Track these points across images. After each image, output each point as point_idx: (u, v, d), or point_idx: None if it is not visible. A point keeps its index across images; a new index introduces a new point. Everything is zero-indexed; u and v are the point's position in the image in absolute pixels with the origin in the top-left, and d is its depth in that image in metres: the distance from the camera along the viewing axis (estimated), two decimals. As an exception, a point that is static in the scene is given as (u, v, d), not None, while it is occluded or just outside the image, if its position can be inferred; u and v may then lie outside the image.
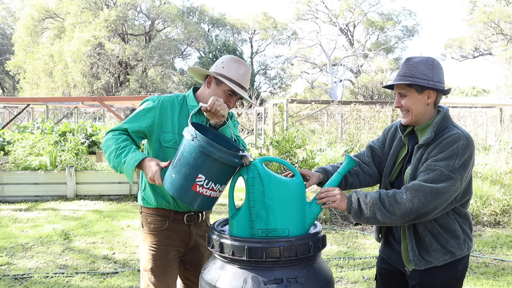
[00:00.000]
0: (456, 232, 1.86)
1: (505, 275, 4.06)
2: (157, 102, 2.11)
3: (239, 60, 2.12)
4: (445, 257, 1.84)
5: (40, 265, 4.34)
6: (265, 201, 1.67)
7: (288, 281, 1.58)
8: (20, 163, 7.79)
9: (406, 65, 1.86)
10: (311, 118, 15.35)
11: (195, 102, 2.13)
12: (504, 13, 31.19)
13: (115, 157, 1.96)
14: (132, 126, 2.07)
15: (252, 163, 1.72)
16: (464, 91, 41.45)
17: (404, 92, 1.86)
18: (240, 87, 2.08)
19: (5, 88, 43.23)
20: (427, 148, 1.82)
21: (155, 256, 2.14)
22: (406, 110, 1.88)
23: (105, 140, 2.03)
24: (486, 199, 6.00)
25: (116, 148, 1.97)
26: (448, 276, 1.87)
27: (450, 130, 1.82)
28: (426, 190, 1.70)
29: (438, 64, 1.86)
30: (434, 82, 1.82)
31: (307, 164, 6.87)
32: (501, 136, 11.29)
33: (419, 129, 1.90)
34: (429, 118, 1.88)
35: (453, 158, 1.74)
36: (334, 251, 4.80)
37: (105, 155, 2.03)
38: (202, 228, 2.25)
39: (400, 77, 1.85)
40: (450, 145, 1.75)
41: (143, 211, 2.21)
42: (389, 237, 2.06)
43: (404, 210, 1.71)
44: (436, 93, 1.85)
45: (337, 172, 1.87)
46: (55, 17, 33.33)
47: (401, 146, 2.00)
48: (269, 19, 41.04)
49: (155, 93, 22.61)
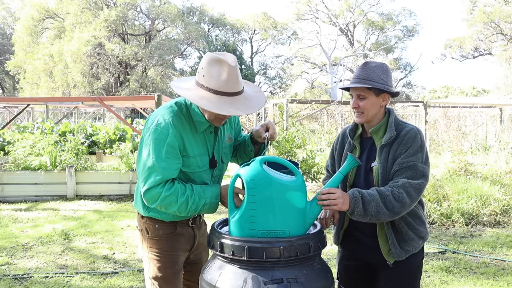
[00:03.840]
0: (422, 218, 2.04)
1: (505, 275, 4.06)
2: (172, 128, 1.86)
3: (219, 61, 1.80)
4: (419, 243, 2.01)
5: (40, 265, 4.34)
6: (265, 204, 1.65)
7: (288, 281, 1.58)
8: (20, 163, 7.79)
9: (365, 69, 1.97)
10: (311, 118, 15.34)
11: (202, 119, 1.93)
12: (504, 13, 31.18)
13: (191, 207, 1.86)
14: (172, 173, 1.88)
15: (252, 164, 1.70)
16: (464, 91, 41.47)
17: (363, 94, 1.97)
18: (227, 95, 1.82)
19: (5, 88, 43.22)
20: (391, 147, 1.96)
21: (166, 263, 2.05)
22: (362, 111, 1.99)
23: (161, 200, 1.84)
24: (486, 199, 5.99)
25: (185, 201, 1.85)
26: (419, 258, 2.06)
27: (404, 127, 1.99)
28: (415, 187, 1.87)
29: (390, 69, 2.05)
30: (389, 86, 1.98)
31: (307, 164, 6.86)
32: (501, 136, 11.29)
33: (374, 131, 2.03)
34: (381, 118, 2.03)
35: (419, 151, 1.92)
36: (334, 251, 4.80)
37: (171, 210, 1.88)
38: (202, 228, 2.25)
39: (360, 80, 1.96)
40: (412, 140, 1.93)
41: (147, 218, 2.08)
42: (354, 233, 2.12)
43: (402, 208, 1.85)
44: (389, 96, 2.01)
45: (339, 172, 1.86)
46: (55, 17, 33.32)
47: (351, 150, 2.12)
48: (269, 19, 41.01)
49: (155, 93, 22.58)
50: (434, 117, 12.82)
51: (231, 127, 2.17)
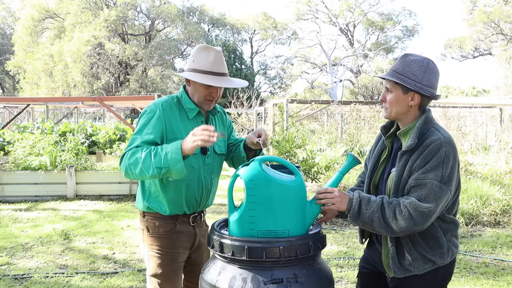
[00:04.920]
0: (439, 240, 1.79)
1: (505, 275, 4.06)
2: (159, 109, 2.04)
3: (207, 48, 2.07)
4: (425, 266, 1.78)
5: (40, 265, 4.34)
6: (265, 204, 1.65)
7: (288, 281, 1.58)
8: (20, 163, 7.79)
9: (401, 61, 1.81)
10: (311, 118, 15.33)
11: (192, 105, 2.12)
12: (504, 13, 31.19)
13: (154, 158, 1.85)
14: (146, 139, 1.96)
15: (252, 164, 1.70)
16: (464, 91, 41.44)
17: (391, 87, 1.81)
18: (214, 74, 2.05)
19: (5, 88, 43.22)
20: (411, 156, 1.75)
21: (165, 260, 2.11)
22: (386, 106, 1.84)
23: (128, 158, 1.92)
24: (486, 199, 5.99)
25: (147, 153, 1.88)
26: (427, 282, 1.82)
27: (431, 135, 1.74)
28: (423, 212, 1.66)
29: (433, 67, 1.79)
30: (422, 85, 1.76)
31: (307, 164, 6.85)
32: (501, 136, 11.29)
33: (402, 133, 1.85)
34: (413, 119, 1.83)
35: (439, 167, 1.68)
36: (334, 251, 4.80)
37: (137, 169, 1.88)
38: (203, 227, 2.28)
39: (392, 72, 1.81)
40: (434, 153, 1.69)
41: (148, 216, 2.15)
42: (372, 237, 2.04)
43: (400, 227, 1.68)
44: (420, 97, 1.79)
45: (339, 171, 1.84)
46: (55, 17, 33.32)
47: (382, 148, 1.96)
48: (269, 19, 41.01)
49: (155, 93, 22.57)
50: (434, 117, 12.81)
51: (223, 125, 2.30)
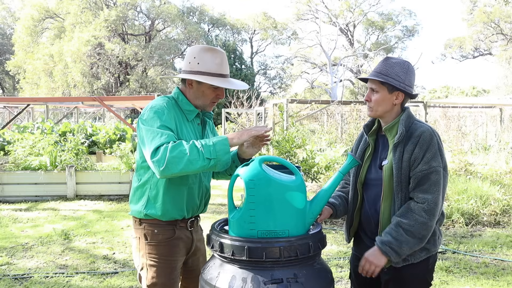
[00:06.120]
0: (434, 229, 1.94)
1: (505, 275, 4.06)
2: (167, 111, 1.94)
3: (211, 49, 2.00)
4: (421, 254, 1.92)
5: (40, 265, 4.34)
6: (265, 204, 1.65)
7: (288, 281, 1.58)
8: (20, 163, 7.79)
9: (384, 64, 1.95)
10: (311, 118, 15.33)
11: (191, 107, 2.05)
12: (504, 13, 31.19)
13: (203, 149, 1.76)
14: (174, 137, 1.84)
15: (252, 164, 1.70)
16: (464, 91, 41.45)
17: (377, 88, 1.95)
18: (221, 77, 2.01)
19: (5, 88, 43.22)
20: (405, 147, 1.90)
21: (165, 269, 2.01)
22: (372, 105, 1.97)
23: (169, 151, 1.73)
24: (486, 199, 5.99)
25: (192, 146, 1.77)
26: (420, 270, 1.95)
27: (418, 127, 1.92)
28: (430, 209, 1.83)
29: (412, 69, 1.98)
30: (405, 85, 1.93)
31: (307, 164, 6.85)
32: (501, 136, 11.29)
33: (387, 129, 1.99)
34: (395, 116, 1.98)
35: (437, 155, 1.87)
36: (334, 251, 4.80)
37: (182, 162, 1.73)
38: (198, 232, 2.22)
39: (376, 73, 1.94)
40: (428, 143, 1.87)
41: (145, 223, 2.03)
42: (360, 233, 2.09)
43: (430, 226, 1.85)
44: (404, 95, 1.95)
45: (339, 171, 1.86)
46: (55, 17, 33.33)
47: (365, 146, 2.08)
48: (269, 19, 41.01)
49: (155, 93, 22.56)
50: (434, 117, 12.84)
51: (211, 132, 2.25)
